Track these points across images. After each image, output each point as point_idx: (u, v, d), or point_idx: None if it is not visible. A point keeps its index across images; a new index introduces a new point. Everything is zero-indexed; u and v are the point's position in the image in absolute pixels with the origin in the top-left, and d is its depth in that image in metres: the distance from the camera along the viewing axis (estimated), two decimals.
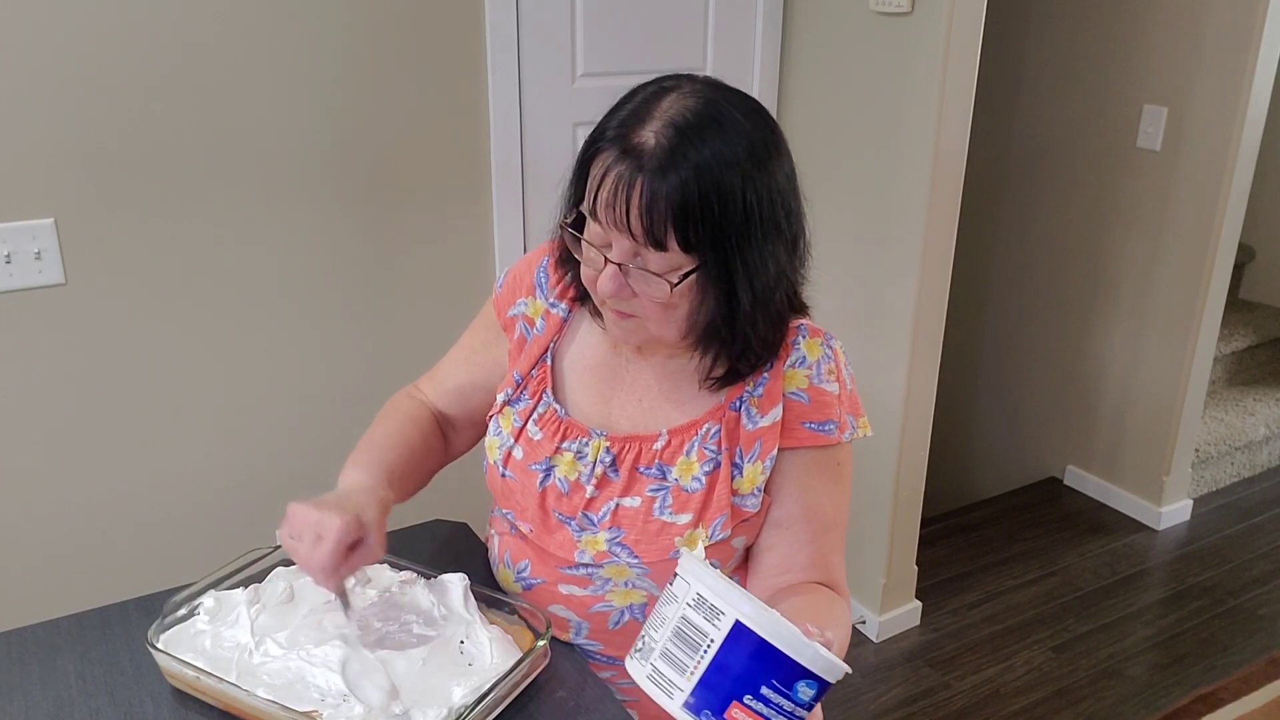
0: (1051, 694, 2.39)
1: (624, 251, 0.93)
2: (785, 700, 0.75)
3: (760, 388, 1.03)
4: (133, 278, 1.82)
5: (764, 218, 0.92)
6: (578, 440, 1.07)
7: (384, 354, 2.12)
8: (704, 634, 0.76)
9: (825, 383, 1.04)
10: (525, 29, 2.06)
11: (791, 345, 1.04)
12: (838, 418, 1.04)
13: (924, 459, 2.45)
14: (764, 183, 0.92)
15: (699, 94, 0.92)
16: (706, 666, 0.75)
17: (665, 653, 0.78)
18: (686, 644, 0.77)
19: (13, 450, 1.80)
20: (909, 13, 2.11)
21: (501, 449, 1.11)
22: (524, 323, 1.13)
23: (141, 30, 1.71)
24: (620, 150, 0.90)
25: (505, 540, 1.16)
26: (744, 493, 1.03)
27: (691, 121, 0.89)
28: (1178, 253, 2.88)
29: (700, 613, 0.76)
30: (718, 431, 1.03)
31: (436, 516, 1.31)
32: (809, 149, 2.43)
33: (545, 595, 1.10)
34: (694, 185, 0.88)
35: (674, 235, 0.89)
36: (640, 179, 0.88)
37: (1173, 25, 2.78)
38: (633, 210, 0.89)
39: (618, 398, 1.08)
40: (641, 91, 0.94)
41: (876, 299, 2.33)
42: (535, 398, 1.10)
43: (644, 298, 0.95)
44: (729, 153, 0.89)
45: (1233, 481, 3.39)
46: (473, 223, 2.13)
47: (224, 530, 2.04)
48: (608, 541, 1.04)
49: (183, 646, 0.99)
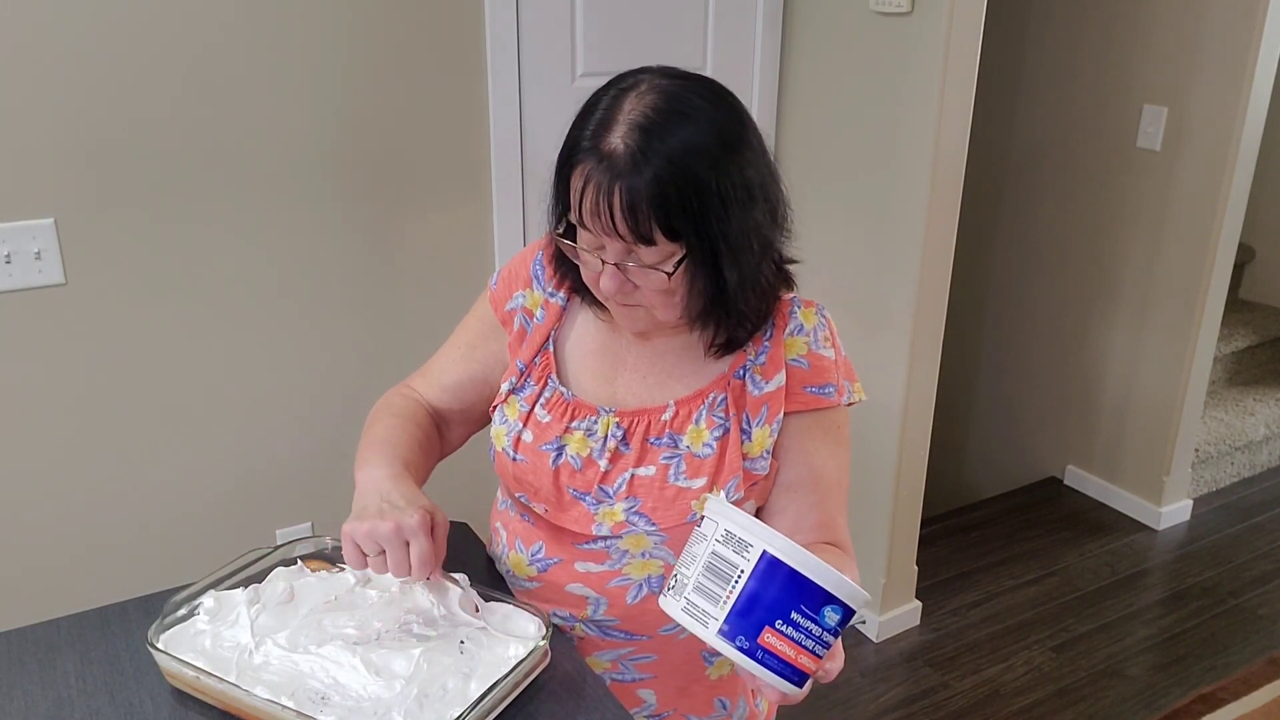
0: (1051, 694, 2.39)
1: (618, 252, 0.96)
2: (814, 625, 0.80)
3: (763, 355, 1.07)
4: (133, 278, 1.82)
5: (739, 197, 0.95)
6: (586, 419, 1.10)
7: (384, 354, 2.12)
8: (734, 565, 0.80)
9: (822, 349, 1.08)
10: (525, 29, 2.06)
11: (789, 315, 1.08)
12: (836, 381, 1.09)
13: (924, 459, 2.45)
14: (735, 163, 0.95)
15: (658, 89, 0.95)
16: (739, 595, 0.80)
17: (699, 586, 0.82)
18: (718, 576, 0.81)
19: (13, 450, 1.80)
20: (909, 13, 2.11)
21: (510, 435, 1.13)
22: (523, 314, 1.16)
23: (141, 30, 1.71)
24: (596, 160, 0.93)
25: (514, 527, 1.17)
26: (754, 456, 1.06)
27: (655, 119, 0.93)
28: (1178, 253, 2.88)
29: (729, 546, 0.81)
30: (724, 399, 1.07)
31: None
32: (809, 149, 2.43)
33: (561, 575, 1.12)
34: (668, 177, 0.91)
35: (659, 228, 0.93)
36: (617, 184, 0.92)
37: (1173, 25, 2.78)
38: (616, 214, 0.92)
39: (621, 377, 1.12)
40: (604, 97, 0.97)
41: (876, 299, 2.33)
42: (541, 383, 1.13)
43: (645, 289, 0.99)
44: (696, 140, 0.92)
45: (1233, 481, 3.39)
46: (473, 222, 2.13)
47: (224, 530, 2.04)
48: (625, 511, 1.07)
49: (183, 646, 0.99)
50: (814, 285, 2.46)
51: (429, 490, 1.23)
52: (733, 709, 1.20)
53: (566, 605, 1.12)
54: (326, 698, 0.93)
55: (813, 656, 0.81)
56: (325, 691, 0.93)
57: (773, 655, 0.80)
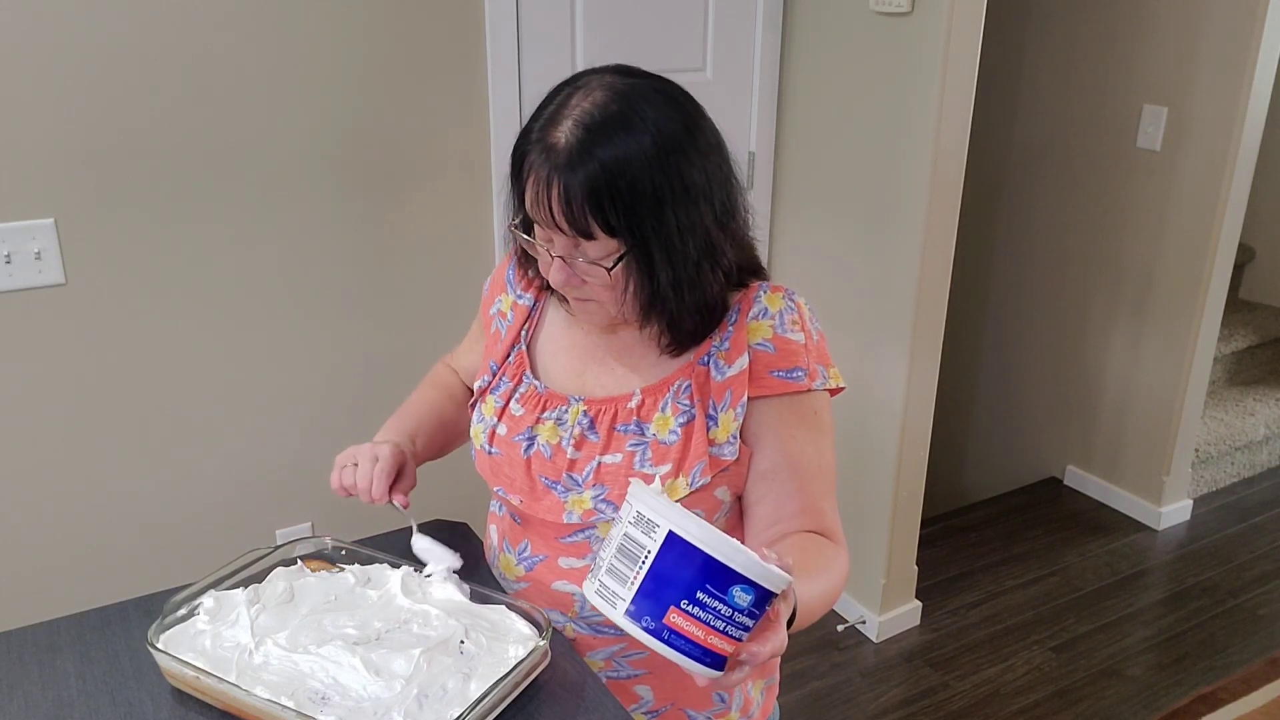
0: (1051, 694, 2.39)
1: (564, 245, 0.99)
2: (722, 604, 0.79)
3: (726, 341, 1.07)
4: (133, 278, 1.82)
5: (678, 196, 0.96)
6: (557, 409, 1.12)
7: (385, 354, 2.12)
8: (641, 546, 0.81)
9: (790, 332, 1.07)
10: (525, 29, 2.06)
11: (753, 300, 1.08)
12: (805, 365, 1.07)
13: (924, 459, 2.45)
14: (676, 162, 0.96)
15: (607, 87, 0.97)
16: (644, 575, 0.80)
17: (610, 568, 0.82)
18: (627, 557, 0.81)
19: (13, 450, 1.80)
20: (909, 13, 2.11)
21: (485, 431, 1.16)
22: (499, 318, 1.21)
23: (141, 30, 1.71)
24: (540, 152, 0.96)
25: (502, 526, 1.20)
26: (720, 441, 1.06)
27: (597, 118, 0.95)
28: (1178, 253, 2.88)
29: (639, 528, 0.81)
30: (689, 386, 1.07)
31: (436, 516, 1.31)
32: (809, 149, 2.43)
33: (547, 573, 1.13)
34: (601, 176, 0.93)
35: (596, 223, 0.95)
36: (555, 176, 0.94)
37: (1173, 25, 2.78)
38: (554, 206, 0.95)
39: (590, 369, 1.13)
40: (559, 93, 0.99)
41: (877, 299, 2.33)
42: (515, 380, 1.16)
43: (591, 284, 1.01)
44: (634, 143, 0.94)
45: (1233, 481, 3.40)
46: (473, 223, 2.13)
47: (224, 530, 2.04)
48: (593, 499, 1.08)
49: (183, 646, 0.99)
50: (814, 286, 2.46)
51: (432, 489, 1.24)
52: (731, 701, 1.20)
53: (557, 605, 1.13)
54: (326, 698, 0.93)
55: (725, 638, 0.80)
56: (325, 691, 0.93)
57: (680, 635, 0.79)
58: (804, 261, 2.49)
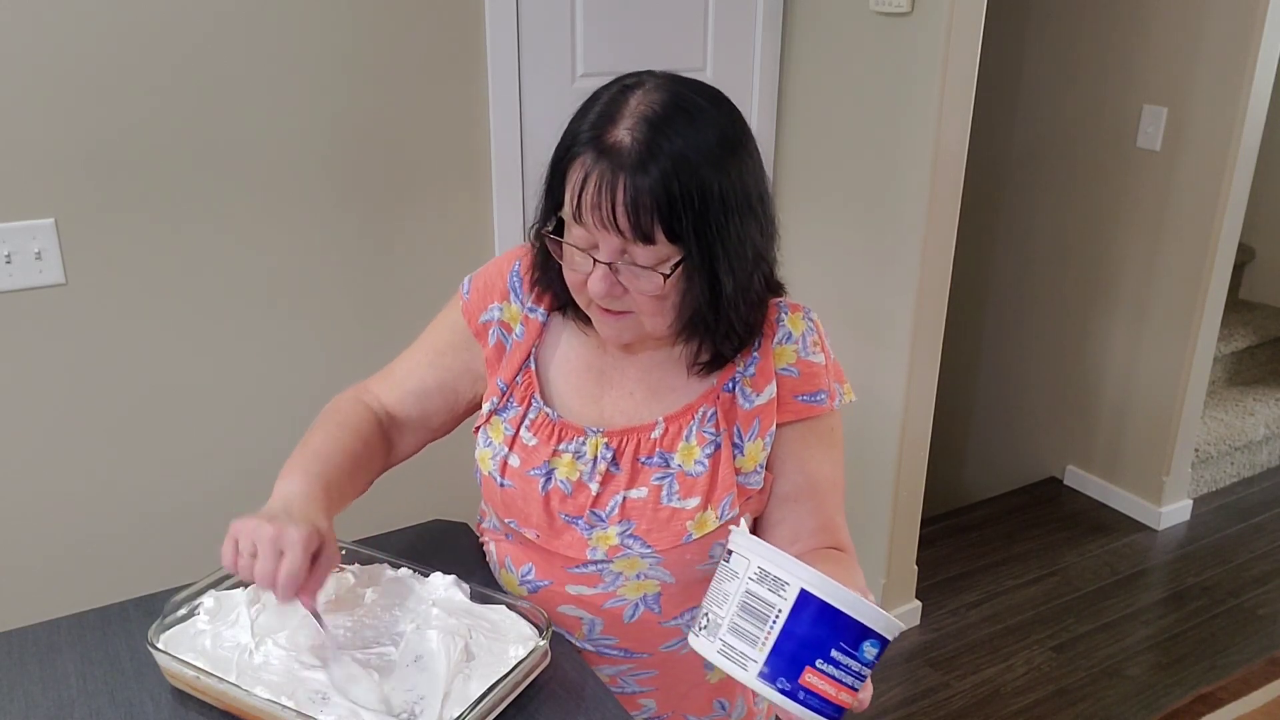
0: (1051, 694, 2.39)
1: (612, 250, 0.94)
2: (853, 661, 0.79)
3: (752, 367, 1.05)
4: (133, 278, 1.82)
5: (739, 203, 0.94)
6: (574, 440, 1.07)
7: (385, 354, 2.11)
8: (770, 605, 0.79)
9: (812, 355, 1.06)
10: (525, 29, 2.06)
11: (776, 323, 1.06)
12: (827, 387, 1.07)
13: (924, 459, 2.45)
14: (736, 168, 0.94)
15: (662, 88, 0.94)
16: (777, 636, 0.78)
17: (734, 627, 0.80)
18: (754, 616, 0.79)
19: (12, 450, 1.80)
20: (909, 13, 2.11)
21: (495, 459, 1.09)
22: (500, 329, 1.12)
23: (141, 30, 1.71)
24: (597, 152, 0.91)
25: (503, 546, 1.15)
26: (747, 471, 1.04)
27: (661, 114, 0.91)
28: (1178, 253, 2.88)
29: (764, 585, 0.79)
30: (714, 414, 1.04)
31: (436, 516, 1.31)
32: (809, 149, 2.43)
33: (553, 597, 1.10)
34: (674, 177, 0.90)
35: (660, 228, 0.91)
36: (622, 176, 0.90)
37: (1172, 25, 2.78)
38: (619, 208, 0.90)
39: (608, 395, 1.09)
40: (605, 93, 0.96)
41: (876, 299, 2.33)
42: (524, 404, 1.09)
43: (636, 293, 0.96)
44: (702, 142, 0.91)
45: (1232, 481, 3.39)
46: (473, 223, 2.13)
47: (224, 530, 2.04)
48: (619, 535, 1.05)
49: (183, 646, 0.99)
50: (814, 286, 2.46)
51: (432, 489, 1.23)
52: (731, 709, 1.20)
53: (562, 625, 1.10)
54: (326, 698, 0.93)
55: (851, 691, 0.80)
56: (325, 691, 0.93)
57: (814, 695, 0.78)
58: (804, 262, 2.49)
